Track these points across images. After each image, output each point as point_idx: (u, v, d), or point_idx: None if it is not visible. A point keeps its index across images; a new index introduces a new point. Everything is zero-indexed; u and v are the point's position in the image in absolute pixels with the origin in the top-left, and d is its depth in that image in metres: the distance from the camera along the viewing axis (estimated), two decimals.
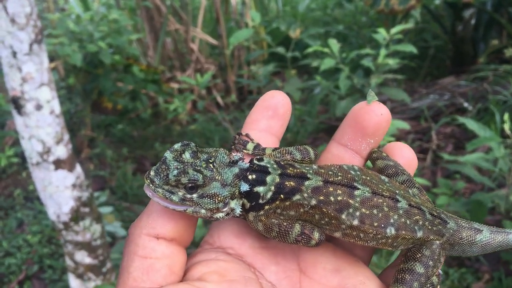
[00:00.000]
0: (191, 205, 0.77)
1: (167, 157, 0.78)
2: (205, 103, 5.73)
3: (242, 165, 0.82)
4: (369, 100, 0.87)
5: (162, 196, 0.76)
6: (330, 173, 0.83)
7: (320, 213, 0.81)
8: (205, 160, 0.79)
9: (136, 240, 0.75)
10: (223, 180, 0.79)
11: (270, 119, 0.89)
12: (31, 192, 4.67)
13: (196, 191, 0.77)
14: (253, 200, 0.81)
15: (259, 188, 0.80)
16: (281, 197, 0.80)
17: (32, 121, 2.52)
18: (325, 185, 0.81)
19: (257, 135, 0.89)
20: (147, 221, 0.76)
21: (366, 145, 0.90)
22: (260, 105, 0.90)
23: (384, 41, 3.89)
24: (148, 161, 5.21)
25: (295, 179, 0.81)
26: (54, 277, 3.71)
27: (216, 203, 0.78)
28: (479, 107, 4.71)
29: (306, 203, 0.80)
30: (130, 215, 4.31)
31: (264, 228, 0.81)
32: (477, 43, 5.71)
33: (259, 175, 0.81)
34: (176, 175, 0.76)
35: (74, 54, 4.44)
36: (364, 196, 0.82)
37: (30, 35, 2.42)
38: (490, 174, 3.75)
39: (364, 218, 0.82)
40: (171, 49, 6.34)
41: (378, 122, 0.87)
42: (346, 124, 0.89)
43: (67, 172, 2.68)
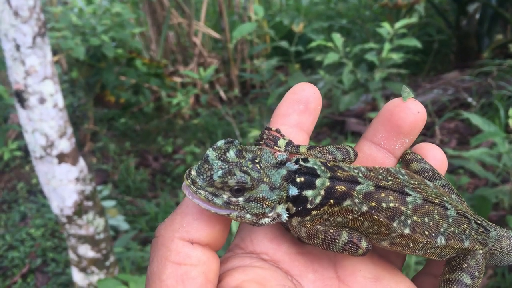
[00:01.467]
0: (235, 209, 0.71)
1: (210, 155, 0.72)
2: (208, 97, 5.72)
3: (291, 167, 0.75)
4: (405, 97, 0.82)
5: (204, 198, 0.70)
6: (380, 177, 0.78)
7: (370, 221, 0.75)
8: (250, 160, 0.72)
9: (168, 244, 0.69)
10: (271, 182, 0.73)
11: (301, 114, 0.83)
12: (34, 186, 4.67)
13: (242, 194, 0.71)
14: (300, 204, 0.74)
15: (308, 192, 0.74)
16: (331, 202, 0.74)
17: (36, 114, 2.52)
18: (376, 191, 0.75)
19: (288, 130, 0.83)
20: (181, 224, 0.70)
21: (401, 145, 0.84)
22: (290, 98, 0.84)
23: (388, 36, 3.87)
24: (150, 155, 5.21)
25: (346, 183, 0.75)
26: (57, 270, 3.72)
27: (264, 207, 0.72)
28: (483, 102, 4.69)
29: (356, 209, 0.74)
30: (133, 209, 4.31)
31: (307, 235, 0.76)
32: (481, 37, 5.68)
33: (308, 178, 0.75)
34: (221, 176, 0.69)
35: (77, 47, 4.43)
36: (416, 203, 0.77)
37: (34, 28, 2.41)
38: (494, 169, 3.74)
39: (416, 227, 0.77)
40: (174, 43, 6.33)
41: (415, 121, 0.81)
42: (379, 122, 0.84)
43: (71, 165, 2.68)
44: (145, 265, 3.48)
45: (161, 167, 5.00)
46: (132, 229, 3.96)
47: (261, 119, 5.10)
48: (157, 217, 4.05)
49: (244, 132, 4.92)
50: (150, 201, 4.39)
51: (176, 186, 4.69)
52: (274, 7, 7.82)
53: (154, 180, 4.80)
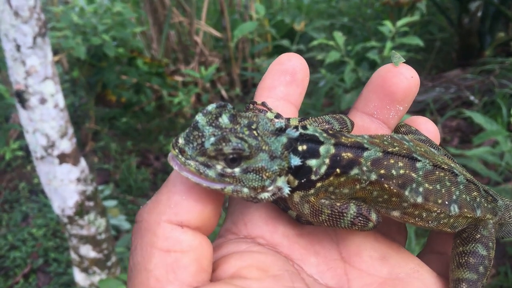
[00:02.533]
0: (231, 182, 0.62)
1: (200, 121, 0.63)
2: (210, 96, 5.71)
3: (292, 134, 0.66)
4: (396, 61, 0.76)
5: (194, 170, 0.60)
6: (385, 143, 0.71)
7: (380, 190, 0.68)
8: (246, 126, 0.63)
9: (154, 228, 0.60)
10: (271, 151, 0.64)
11: (288, 86, 0.76)
12: (36, 185, 4.67)
13: (239, 164, 0.62)
14: (303, 176, 0.66)
15: (312, 161, 0.66)
16: (337, 172, 0.66)
17: (36, 115, 2.51)
18: (385, 157, 0.68)
19: (274, 103, 0.75)
20: (168, 204, 0.61)
21: (395, 113, 0.78)
22: (276, 69, 0.76)
23: (390, 34, 3.86)
24: (152, 154, 5.21)
25: (352, 150, 0.67)
26: (59, 270, 3.72)
27: (263, 179, 0.63)
28: (485, 100, 4.67)
29: (365, 178, 0.67)
30: (134, 208, 4.31)
31: (311, 211, 0.68)
32: (483, 35, 5.66)
33: (311, 145, 0.66)
34: (214, 143, 0.60)
35: (78, 47, 4.43)
36: (426, 169, 0.71)
37: (34, 28, 2.40)
38: (496, 168, 3.73)
39: (428, 195, 0.71)
40: (175, 41, 6.32)
41: (408, 86, 0.76)
42: (370, 91, 0.78)
43: (72, 166, 2.67)
44: None
45: (162, 166, 5.00)
46: None
47: None
48: None
49: None
50: None
51: None
52: (275, 5, 7.80)
53: (156, 179, 4.80)
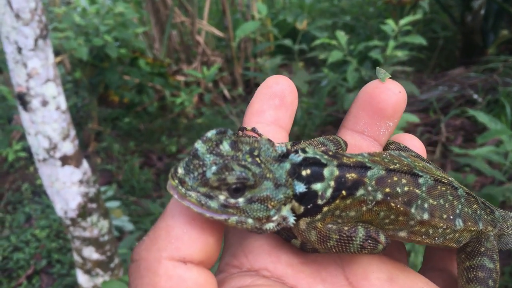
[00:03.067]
0: (235, 212, 0.59)
1: (199, 149, 0.59)
2: (212, 96, 5.71)
3: (295, 159, 0.63)
4: (382, 77, 0.75)
5: (195, 202, 0.57)
6: (386, 160, 0.69)
7: (386, 209, 0.66)
8: (248, 153, 0.60)
9: (155, 267, 0.56)
10: (275, 178, 0.61)
11: (277, 109, 0.73)
12: (39, 187, 4.67)
13: (242, 193, 0.59)
14: (308, 202, 0.63)
15: (316, 185, 0.63)
16: (343, 194, 0.64)
17: (38, 117, 2.51)
18: (388, 174, 0.66)
19: (265, 129, 0.72)
20: (168, 239, 0.57)
21: (385, 130, 0.77)
22: (264, 92, 0.74)
23: (392, 33, 3.84)
24: (155, 154, 5.20)
25: (356, 170, 0.65)
26: (62, 272, 3.72)
27: (268, 209, 0.60)
28: (489, 99, 4.65)
29: (371, 199, 0.65)
30: (138, 209, 4.30)
31: (318, 238, 0.65)
32: (486, 33, 5.64)
33: (314, 168, 0.63)
34: (216, 172, 0.57)
35: (80, 48, 4.42)
36: (429, 184, 0.70)
37: (35, 30, 2.40)
38: (501, 167, 3.71)
39: (434, 210, 0.70)
40: (177, 41, 6.31)
41: (397, 101, 0.74)
42: (358, 108, 0.76)
43: (74, 168, 2.67)
44: None
45: (165, 167, 5.00)
46: (137, 229, 3.95)
47: None
48: None
49: None
50: (155, 201, 4.38)
51: None
52: (277, 5, 7.79)
53: (159, 180, 4.79)
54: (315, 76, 5.00)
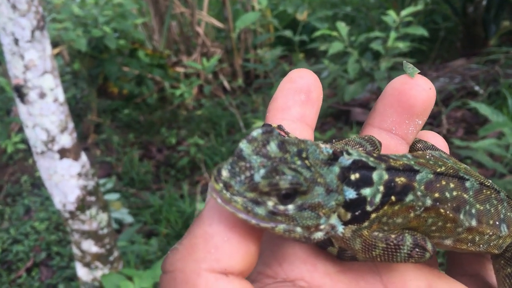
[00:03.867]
0: (283, 220, 0.54)
1: (244, 149, 0.54)
2: (212, 87, 5.68)
3: (344, 162, 0.58)
4: (411, 72, 0.70)
5: (241, 208, 0.52)
6: (431, 162, 0.65)
7: (435, 216, 0.63)
8: (296, 155, 0.55)
9: (193, 280, 0.51)
10: (326, 184, 0.56)
11: (303, 106, 0.68)
12: (38, 179, 4.66)
13: (293, 200, 0.54)
14: (356, 208, 0.58)
15: (365, 190, 0.58)
16: (392, 200, 0.60)
17: (36, 109, 2.48)
18: (436, 178, 0.62)
19: (291, 126, 0.67)
20: (207, 249, 0.52)
21: (414, 128, 0.72)
22: (288, 87, 0.69)
23: (394, 24, 3.80)
24: (154, 146, 5.18)
25: (405, 174, 0.60)
26: (62, 264, 3.71)
27: (319, 217, 0.56)
28: (491, 90, 4.62)
29: (420, 204, 0.61)
30: (137, 201, 4.29)
31: (363, 246, 0.60)
32: (488, 24, 5.60)
33: (363, 173, 0.59)
34: (266, 176, 0.52)
35: (78, 39, 4.39)
36: (475, 188, 0.66)
37: (32, 21, 2.37)
38: (502, 160, 3.69)
39: (481, 216, 0.66)
40: (177, 32, 6.27)
41: (428, 98, 0.70)
42: (386, 105, 0.71)
43: (72, 161, 2.65)
44: (150, 258, 3.46)
45: (165, 159, 4.98)
46: (136, 222, 3.94)
47: (265, 110, 5.04)
48: (161, 210, 4.03)
49: (248, 123, 4.88)
50: (155, 193, 4.37)
51: (180, 178, 4.66)
52: None
53: (158, 172, 4.77)
54: (315, 67, 4.97)
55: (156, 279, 2.70)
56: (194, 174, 4.69)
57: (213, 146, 4.85)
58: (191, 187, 4.44)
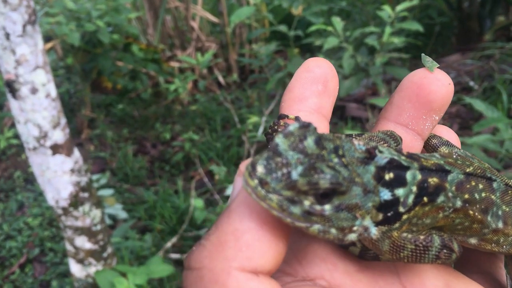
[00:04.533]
0: (318, 221, 0.52)
1: (280, 144, 0.51)
2: (206, 82, 5.65)
3: (380, 161, 0.56)
4: (430, 66, 0.68)
5: (276, 207, 0.50)
6: (459, 162, 0.63)
7: (463, 217, 0.61)
8: (333, 152, 0.53)
9: (223, 280, 0.48)
10: (363, 184, 0.54)
11: (320, 96, 0.66)
12: (31, 174, 4.63)
13: (330, 200, 0.52)
14: (389, 209, 0.56)
15: (399, 190, 0.57)
16: (424, 201, 0.58)
17: (28, 105, 2.46)
18: (466, 179, 0.61)
19: (308, 118, 0.65)
20: (238, 247, 0.50)
21: (430, 124, 0.70)
22: (305, 76, 0.67)
23: (389, 19, 3.79)
24: (149, 142, 5.16)
25: (437, 174, 0.59)
26: (56, 260, 3.69)
27: (355, 218, 0.54)
28: (485, 86, 4.62)
29: (450, 205, 0.59)
30: (131, 197, 4.27)
31: (391, 247, 0.59)
32: (483, 19, 5.59)
33: (397, 172, 0.57)
34: (304, 174, 0.49)
35: (71, 33, 4.35)
36: (501, 189, 0.64)
37: (23, 16, 2.34)
38: (497, 155, 3.69)
39: (507, 217, 0.65)
40: (171, 27, 6.24)
41: (447, 94, 0.68)
42: (404, 98, 0.69)
43: (65, 157, 2.62)
44: (144, 254, 3.45)
45: (159, 154, 4.96)
46: (130, 217, 3.93)
47: (260, 105, 5.03)
48: (155, 205, 4.01)
49: (243, 118, 4.86)
50: (149, 189, 4.35)
51: (174, 174, 4.64)
52: None
53: (153, 167, 4.75)
54: None
55: (150, 275, 2.69)
56: (188, 169, 4.67)
57: (208, 141, 4.83)
58: (186, 182, 4.43)
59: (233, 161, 4.56)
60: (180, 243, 3.61)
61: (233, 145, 4.72)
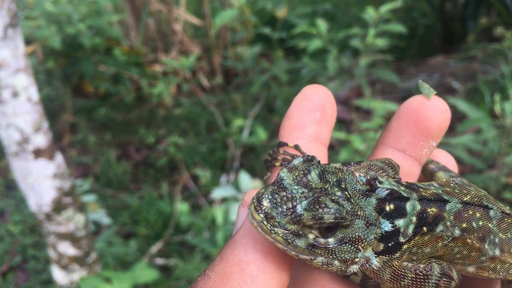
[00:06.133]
0: (322, 253, 0.54)
1: (285, 178, 0.53)
2: (190, 86, 5.61)
3: (381, 194, 0.58)
4: (427, 93, 0.71)
5: (281, 240, 0.52)
6: (456, 191, 0.65)
7: (461, 246, 0.62)
8: (336, 185, 0.55)
9: None
10: (365, 217, 0.55)
11: (318, 124, 0.68)
12: (12, 181, 4.54)
13: (334, 233, 0.53)
14: (389, 239, 0.58)
15: (399, 221, 0.58)
16: (424, 231, 0.60)
17: (9, 109, 2.40)
18: (464, 208, 0.62)
19: (306, 145, 0.67)
20: (242, 279, 0.51)
21: (428, 150, 0.71)
22: (303, 104, 0.69)
23: (373, 21, 3.80)
24: (132, 146, 5.10)
25: (436, 204, 0.61)
26: (38, 267, 3.62)
27: (357, 250, 0.55)
28: (469, 86, 4.66)
29: (449, 235, 0.61)
30: (115, 202, 4.21)
31: (392, 276, 0.60)
32: (466, 21, 5.64)
33: (397, 203, 0.58)
34: (308, 209, 0.51)
35: (52, 37, 4.28)
36: (497, 216, 0.66)
37: (4, 19, 2.29)
38: (480, 155, 3.71)
39: (503, 245, 0.66)
40: (154, 29, 6.19)
41: (444, 121, 0.70)
42: (402, 125, 0.71)
43: (47, 161, 2.57)
44: (129, 260, 3.40)
45: (143, 159, 4.90)
46: (114, 223, 3.87)
47: (245, 108, 5.01)
48: (140, 210, 3.96)
49: (228, 122, 4.83)
50: (133, 194, 4.29)
51: (159, 178, 4.60)
52: None
53: (137, 172, 4.70)
54: (295, 65, 4.95)
55: (136, 280, 2.65)
56: (173, 173, 4.62)
57: (193, 145, 4.79)
58: (171, 186, 4.38)
59: (218, 165, 4.53)
60: (166, 248, 3.56)
61: (218, 148, 4.69)
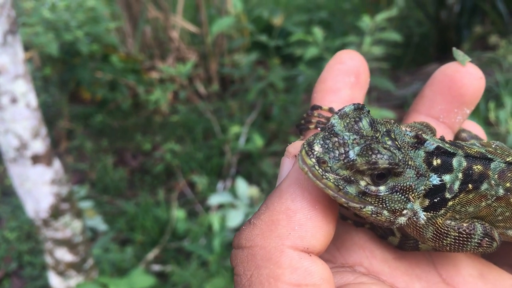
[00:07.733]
0: (372, 202, 0.52)
1: (336, 125, 0.52)
2: (187, 93, 5.63)
3: (429, 147, 0.57)
4: (462, 60, 0.70)
5: (333, 186, 0.50)
6: (499, 151, 0.63)
7: (504, 206, 0.61)
8: (386, 135, 0.54)
9: (276, 257, 0.48)
10: (416, 167, 0.54)
11: (353, 88, 0.67)
12: (8, 187, 4.53)
13: (385, 181, 0.52)
14: (435, 195, 0.57)
15: (446, 177, 0.57)
16: (469, 188, 0.58)
17: (8, 115, 2.41)
18: (508, 168, 0.61)
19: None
20: (290, 226, 0.49)
21: (461, 117, 0.70)
22: (338, 68, 0.68)
23: (369, 29, 3.83)
24: (129, 152, 5.10)
25: (481, 162, 0.59)
26: (34, 274, 3.61)
27: (408, 201, 0.54)
28: None
29: (493, 193, 0.59)
30: (112, 209, 4.21)
31: (435, 234, 0.59)
32: (461, 30, 5.69)
33: (444, 159, 0.57)
34: (361, 154, 0.50)
35: (49, 43, 4.29)
36: None
37: (4, 25, 2.30)
38: None
39: None
40: (151, 37, 6.20)
41: (479, 88, 0.69)
42: (436, 92, 0.70)
43: (45, 167, 2.57)
44: (125, 267, 3.39)
45: (140, 165, 4.90)
46: (111, 229, 3.86)
47: (241, 115, 5.02)
48: (136, 217, 3.96)
49: (225, 129, 4.84)
50: (129, 200, 4.29)
51: (155, 185, 4.59)
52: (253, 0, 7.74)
53: (133, 178, 4.70)
54: (291, 72, 4.97)
55: (132, 286, 2.64)
56: (170, 180, 4.62)
57: (189, 152, 4.79)
58: (167, 193, 4.38)
59: (214, 171, 4.54)
60: (162, 255, 3.56)
61: (215, 155, 4.69)
